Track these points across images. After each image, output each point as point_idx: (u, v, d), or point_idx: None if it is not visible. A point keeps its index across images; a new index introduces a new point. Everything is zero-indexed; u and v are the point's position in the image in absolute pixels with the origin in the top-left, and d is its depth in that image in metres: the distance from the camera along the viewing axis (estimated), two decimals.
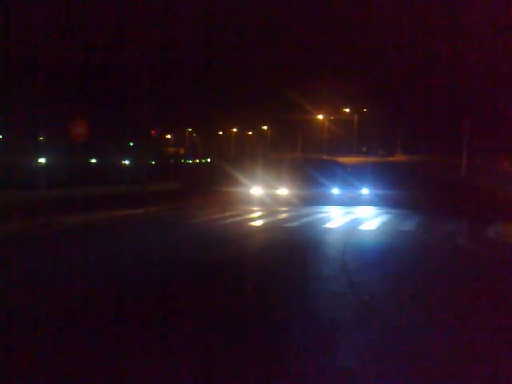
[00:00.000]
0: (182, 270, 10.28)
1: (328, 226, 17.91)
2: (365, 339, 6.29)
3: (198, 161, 72.24)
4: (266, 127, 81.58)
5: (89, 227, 17.34)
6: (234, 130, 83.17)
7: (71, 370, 5.25)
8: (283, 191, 30.77)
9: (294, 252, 12.75)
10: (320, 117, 72.92)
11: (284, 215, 21.69)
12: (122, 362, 5.48)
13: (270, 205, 26.74)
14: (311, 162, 50.99)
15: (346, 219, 20.12)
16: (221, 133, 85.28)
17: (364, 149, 77.79)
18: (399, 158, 68.25)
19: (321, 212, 23.20)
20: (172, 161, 68.80)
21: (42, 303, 7.66)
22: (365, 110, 73.49)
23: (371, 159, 59.29)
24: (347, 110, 73.91)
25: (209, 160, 70.24)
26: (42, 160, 50.90)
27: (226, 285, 9.01)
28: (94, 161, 59.03)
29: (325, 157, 66.35)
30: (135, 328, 6.57)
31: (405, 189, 31.98)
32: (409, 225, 18.64)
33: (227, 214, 21.50)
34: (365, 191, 30.37)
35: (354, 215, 21.84)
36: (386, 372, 5.29)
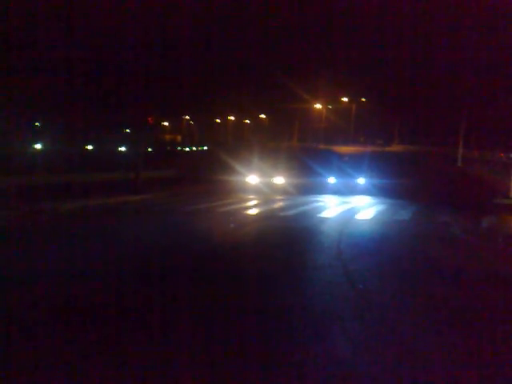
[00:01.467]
0: (177, 258, 10.26)
1: (324, 215, 17.91)
2: (359, 328, 6.30)
3: (194, 148, 72.14)
4: (263, 115, 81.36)
5: (84, 214, 17.30)
6: (232, 118, 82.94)
7: (66, 369, 5.25)
8: (279, 180, 30.75)
9: (289, 241, 12.74)
10: (318, 106, 72.79)
11: (280, 204, 21.68)
12: (116, 353, 5.48)
13: (266, 193, 26.72)
14: (308, 151, 50.97)
15: (342, 209, 20.12)
16: (218, 120, 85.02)
17: (361, 138, 77.73)
18: (396, 148, 68.31)
19: (317, 201, 23.19)
20: (169, 148, 68.76)
21: (32, 292, 7.66)
22: (363, 99, 73.39)
23: (368, 149, 59.30)
24: (345, 99, 73.79)
25: (205, 148, 70.08)
26: (38, 146, 50.76)
27: (221, 273, 9.00)
28: (90, 147, 58.84)
29: (322, 146, 66.34)
30: (131, 319, 6.57)
31: (401, 179, 32.03)
32: (404, 215, 18.66)
33: (223, 202, 21.47)
34: (361, 181, 30.39)
35: (350, 205, 21.84)
36: (380, 361, 5.30)
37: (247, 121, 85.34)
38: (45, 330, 5.98)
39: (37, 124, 57.69)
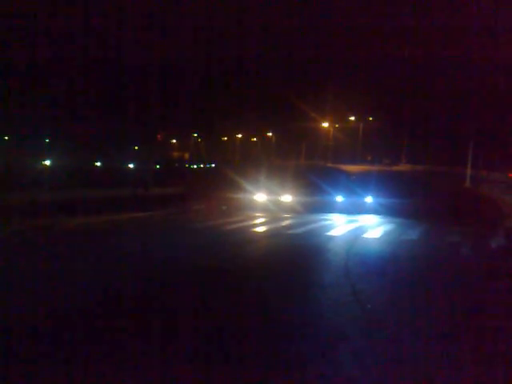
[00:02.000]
0: (186, 274, 10.22)
1: (332, 233, 17.86)
2: (366, 348, 6.23)
3: (202, 166, 72.38)
4: (270, 134, 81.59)
5: (92, 230, 17.32)
6: (239, 135, 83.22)
7: (68, 375, 5.23)
8: (287, 198, 30.73)
9: (297, 259, 12.69)
10: (325, 124, 72.92)
11: (287, 222, 21.64)
12: (121, 368, 5.45)
13: (273, 211, 26.71)
14: (315, 170, 50.96)
15: (350, 227, 20.06)
16: (226, 138, 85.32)
17: (369, 157, 77.66)
18: (403, 167, 68.16)
19: (324, 219, 23.15)
20: (177, 165, 69.03)
21: (36, 305, 7.65)
22: (370, 118, 73.54)
23: (375, 168, 59.23)
24: (353, 118, 73.95)
25: (213, 165, 70.29)
26: (47, 162, 51.10)
27: (229, 289, 8.97)
28: (98, 164, 59.18)
29: (329, 164, 66.35)
30: (135, 333, 6.54)
31: (408, 198, 31.90)
32: (412, 234, 18.57)
33: (231, 219, 21.47)
34: (369, 199, 30.31)
35: (358, 223, 21.78)
36: (388, 379, 5.23)
37: (254, 139, 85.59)
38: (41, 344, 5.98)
39: (46, 140, 58.16)
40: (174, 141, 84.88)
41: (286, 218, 23.26)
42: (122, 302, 7.95)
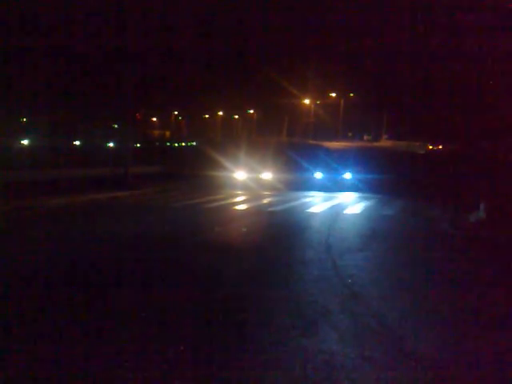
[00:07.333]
0: (165, 254, 10.25)
1: (312, 210, 17.99)
2: (347, 323, 6.36)
3: (183, 144, 71.93)
4: (252, 111, 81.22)
5: (72, 210, 17.22)
6: (221, 113, 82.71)
7: (57, 355, 5.27)
8: (267, 176, 30.78)
9: (278, 236, 12.80)
10: (306, 101, 72.80)
11: (268, 200, 21.73)
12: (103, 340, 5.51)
13: (253, 189, 26.74)
14: (296, 147, 51.01)
15: (330, 204, 20.22)
16: (207, 116, 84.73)
17: (349, 134, 77.95)
18: (384, 143, 68.64)
19: (305, 197, 23.28)
20: (157, 144, 68.45)
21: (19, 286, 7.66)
22: (351, 94, 73.54)
23: (356, 144, 59.55)
24: (334, 94, 73.87)
25: (194, 143, 69.88)
26: (25, 141, 50.36)
27: (211, 268, 9.03)
28: (77, 143, 58.43)
29: (310, 141, 66.46)
30: (118, 313, 6.60)
31: (388, 174, 32.21)
32: (391, 210, 18.80)
33: (211, 198, 21.48)
34: (348, 176, 30.49)
35: (338, 200, 21.95)
36: (368, 356, 5.35)
37: (236, 116, 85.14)
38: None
39: (24, 119, 57.19)
40: (155, 119, 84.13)
41: (267, 196, 23.34)
42: (106, 285, 7.99)
